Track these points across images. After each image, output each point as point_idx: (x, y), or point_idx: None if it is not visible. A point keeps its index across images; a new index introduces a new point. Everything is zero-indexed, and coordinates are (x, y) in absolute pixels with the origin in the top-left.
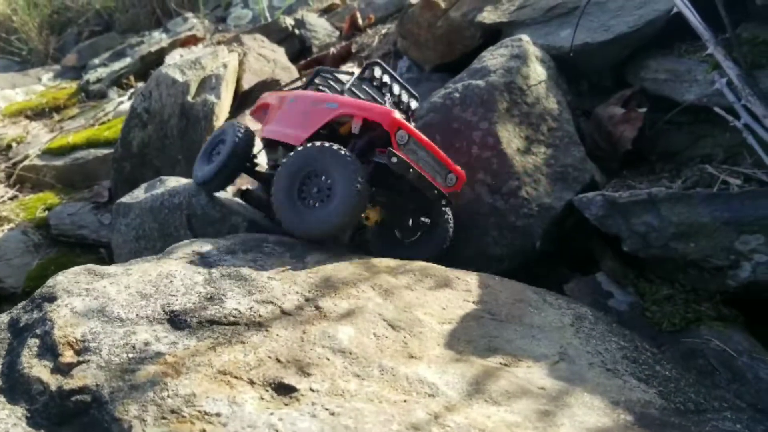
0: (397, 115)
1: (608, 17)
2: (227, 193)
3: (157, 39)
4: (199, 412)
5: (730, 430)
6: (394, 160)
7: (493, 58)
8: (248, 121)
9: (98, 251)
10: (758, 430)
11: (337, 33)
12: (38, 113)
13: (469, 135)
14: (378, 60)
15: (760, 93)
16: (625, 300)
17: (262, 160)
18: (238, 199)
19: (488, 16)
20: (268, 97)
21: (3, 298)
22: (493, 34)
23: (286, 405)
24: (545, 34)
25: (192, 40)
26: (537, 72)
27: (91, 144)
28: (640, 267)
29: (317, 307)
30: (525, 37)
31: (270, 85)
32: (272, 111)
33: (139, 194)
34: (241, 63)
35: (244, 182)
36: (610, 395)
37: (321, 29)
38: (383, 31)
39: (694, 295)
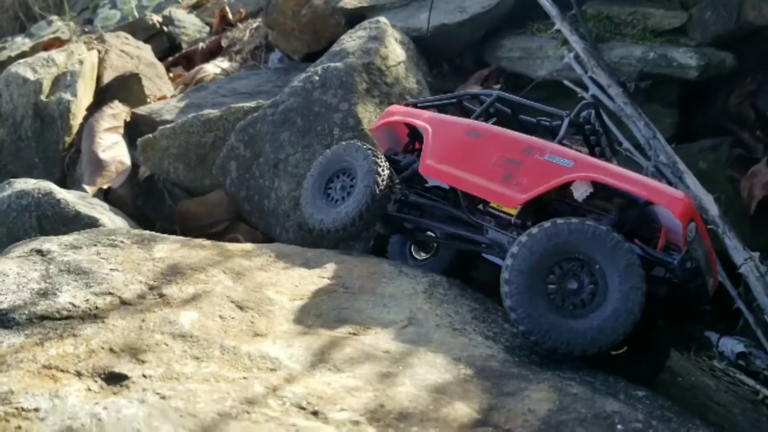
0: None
1: None
2: (87, 193)
3: (20, 44)
4: (16, 409)
5: (569, 378)
6: (689, 265)
7: (352, 40)
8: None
9: None
10: (598, 377)
11: (208, 29)
12: None
13: (330, 117)
14: (596, 101)
15: (605, 64)
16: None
17: None
18: (98, 199)
19: (349, 1)
20: (407, 116)
21: None
22: (359, 20)
23: (115, 394)
24: (405, 17)
25: (56, 43)
26: (396, 53)
27: None
28: None
29: (161, 295)
30: (383, 19)
31: (128, 79)
32: (434, 140)
33: None
34: (102, 61)
35: (105, 181)
36: (453, 352)
37: (190, 25)
38: (254, 25)
39: None
